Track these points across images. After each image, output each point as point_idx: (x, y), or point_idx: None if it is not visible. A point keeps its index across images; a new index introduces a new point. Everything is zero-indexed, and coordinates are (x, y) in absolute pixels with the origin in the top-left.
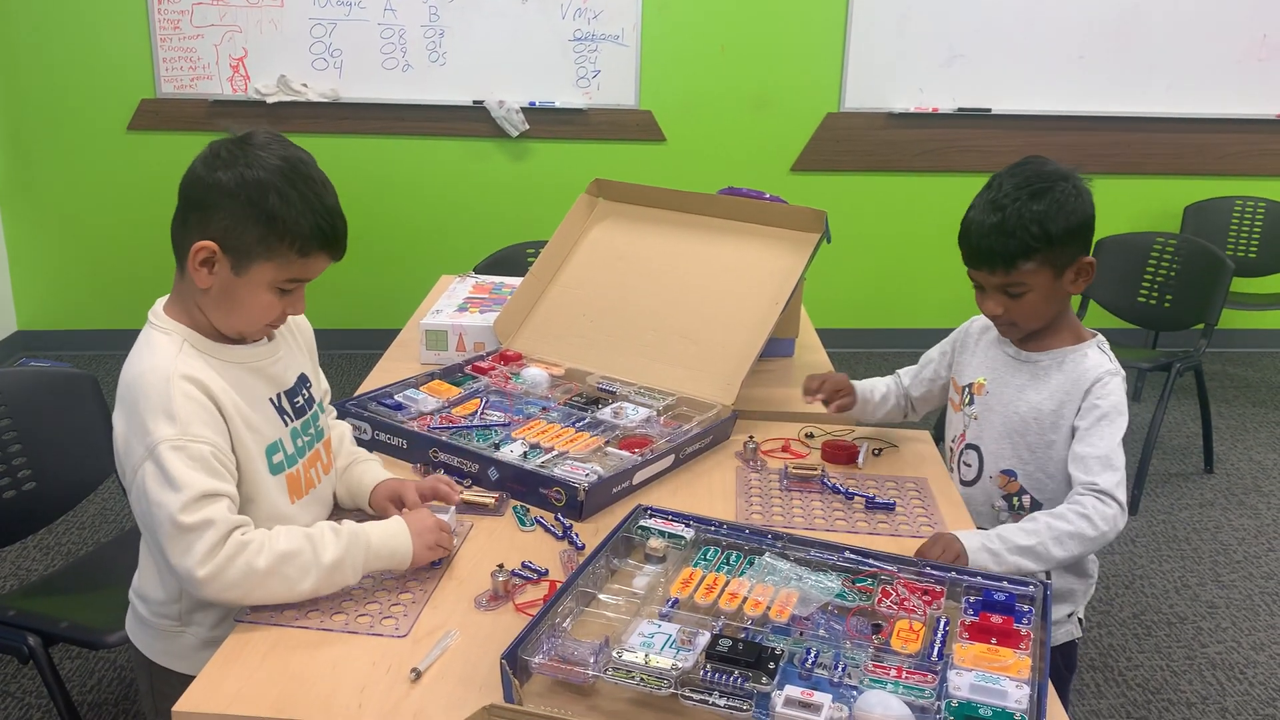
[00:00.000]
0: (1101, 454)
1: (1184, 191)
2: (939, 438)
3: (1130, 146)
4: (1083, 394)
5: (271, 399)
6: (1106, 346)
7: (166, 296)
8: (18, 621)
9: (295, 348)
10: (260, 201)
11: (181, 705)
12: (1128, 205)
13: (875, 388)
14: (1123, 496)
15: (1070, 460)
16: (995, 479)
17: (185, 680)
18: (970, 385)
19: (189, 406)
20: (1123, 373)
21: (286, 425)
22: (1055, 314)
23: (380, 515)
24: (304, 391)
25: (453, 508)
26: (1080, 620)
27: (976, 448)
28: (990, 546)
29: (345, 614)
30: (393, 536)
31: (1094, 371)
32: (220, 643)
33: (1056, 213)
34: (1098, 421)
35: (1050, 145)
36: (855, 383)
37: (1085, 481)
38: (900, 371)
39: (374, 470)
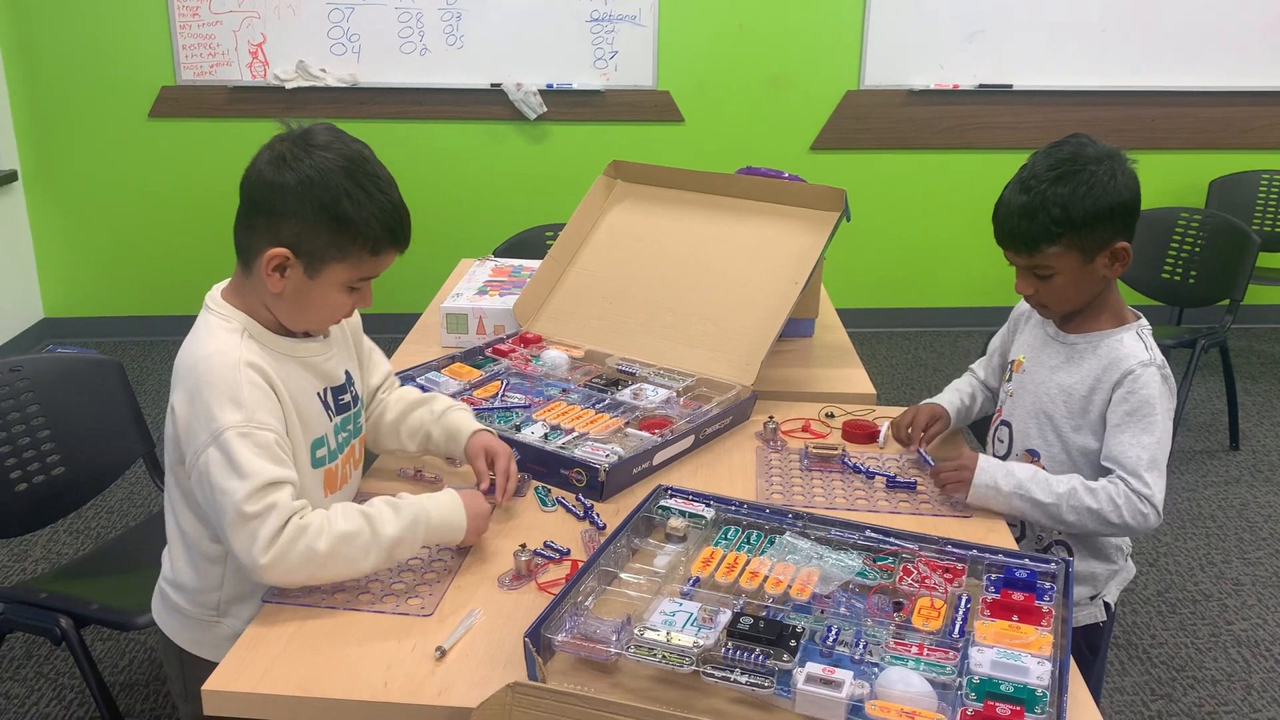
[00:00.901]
0: (1135, 456)
1: (1209, 166)
2: (973, 425)
3: (1154, 121)
4: (1113, 385)
5: (319, 394)
6: (1147, 333)
7: (224, 283)
8: (49, 604)
9: (345, 345)
10: (332, 207)
11: (211, 684)
12: (1152, 181)
13: (962, 394)
14: (1160, 502)
15: (1105, 457)
16: (1020, 457)
17: (214, 665)
18: (1013, 362)
19: (255, 394)
20: (1160, 362)
21: (331, 420)
22: (1088, 297)
23: (469, 463)
24: (350, 389)
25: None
26: (1108, 605)
27: (1009, 424)
28: (1002, 488)
29: (371, 594)
30: (452, 513)
31: (1127, 362)
32: None
33: (1084, 196)
34: (1127, 418)
35: (1072, 121)
36: (942, 398)
37: (1123, 478)
38: (973, 366)
39: (469, 420)
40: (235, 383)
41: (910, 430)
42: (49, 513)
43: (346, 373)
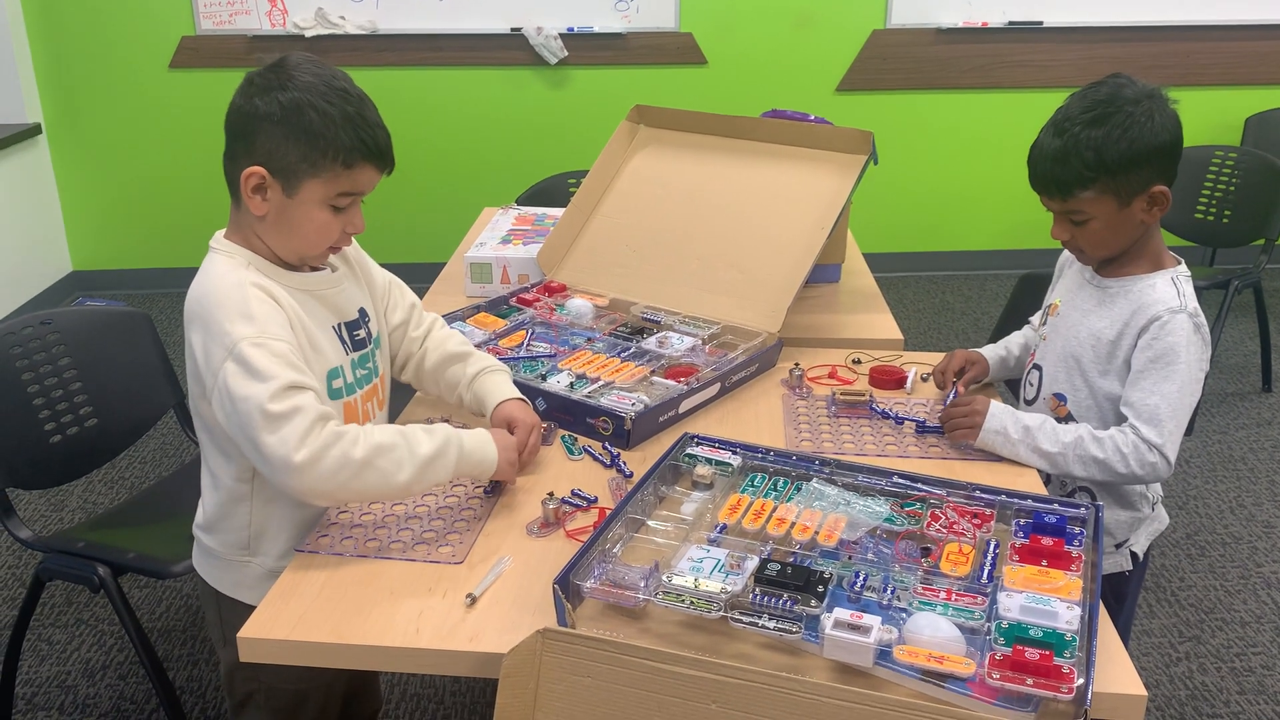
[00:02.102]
0: (1149, 404)
1: (1244, 102)
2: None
3: (1188, 56)
4: (1139, 330)
5: (334, 326)
6: (1184, 279)
7: (224, 229)
8: (87, 553)
9: (356, 282)
10: (297, 119)
11: (245, 632)
12: (1185, 118)
13: (1008, 345)
14: (1172, 452)
15: (1122, 403)
16: (1048, 401)
17: (251, 610)
18: (1049, 305)
19: (264, 309)
20: (1192, 310)
21: (347, 355)
22: (1127, 243)
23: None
24: (365, 326)
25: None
26: (1135, 554)
27: (1040, 368)
28: (1010, 435)
29: (402, 543)
30: (484, 444)
31: (1155, 307)
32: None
33: (1118, 139)
34: (1149, 364)
35: (1104, 58)
36: (986, 349)
37: (1134, 426)
38: (1031, 319)
39: (499, 387)
40: (244, 299)
41: (945, 374)
42: (84, 464)
43: (362, 309)
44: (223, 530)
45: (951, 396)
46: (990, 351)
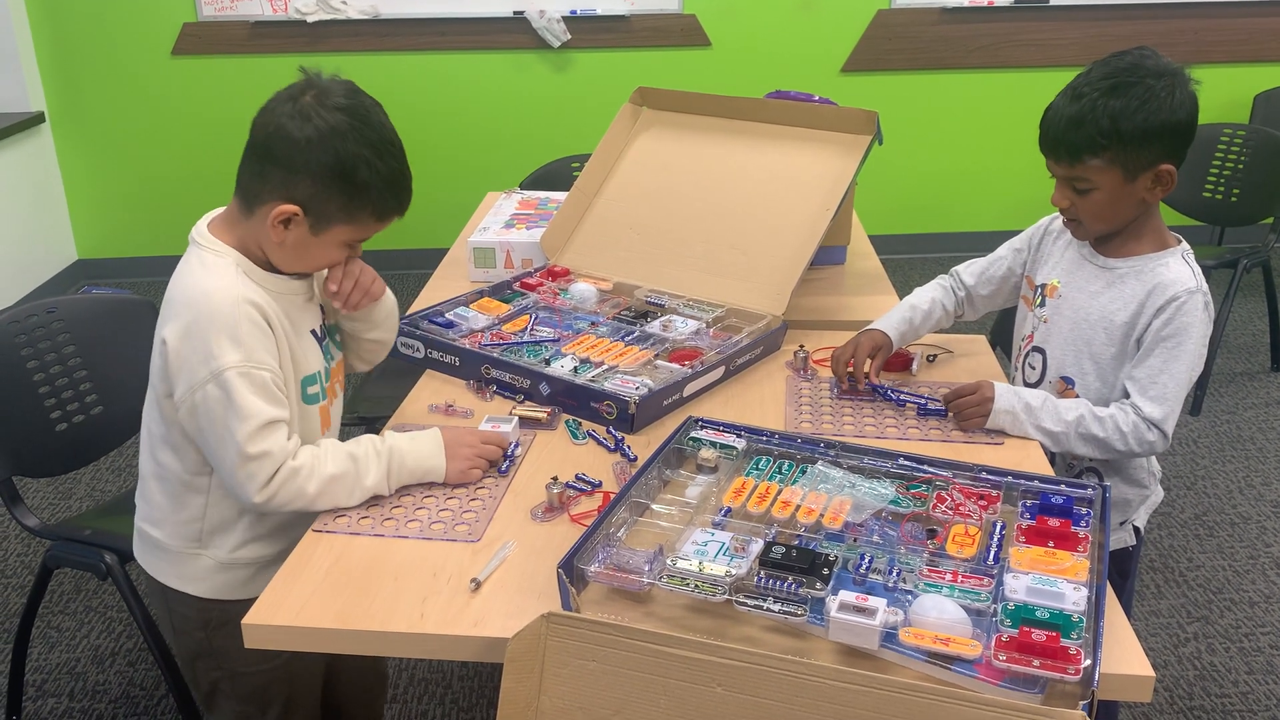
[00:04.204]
0: (1158, 383)
1: (1253, 79)
2: (994, 342)
3: (1195, 33)
4: (1156, 310)
5: (314, 330)
6: (1191, 257)
7: (210, 216)
8: (94, 540)
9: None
10: (351, 176)
11: (250, 619)
12: None
13: (915, 310)
14: (1170, 428)
15: (1126, 376)
16: (1054, 384)
17: (201, 604)
18: (1044, 286)
19: (254, 333)
20: (1205, 289)
21: (323, 360)
22: (1124, 220)
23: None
24: (327, 318)
25: (515, 419)
26: (1137, 529)
27: (1042, 351)
28: (1018, 415)
29: (419, 522)
30: (428, 457)
31: (1173, 288)
32: (238, 567)
33: (1136, 110)
34: (1160, 343)
35: (1112, 37)
36: (884, 322)
37: (1136, 405)
38: (959, 269)
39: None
40: (235, 320)
41: (853, 368)
42: (90, 452)
43: (322, 305)
44: (171, 523)
45: (886, 393)
46: (893, 327)
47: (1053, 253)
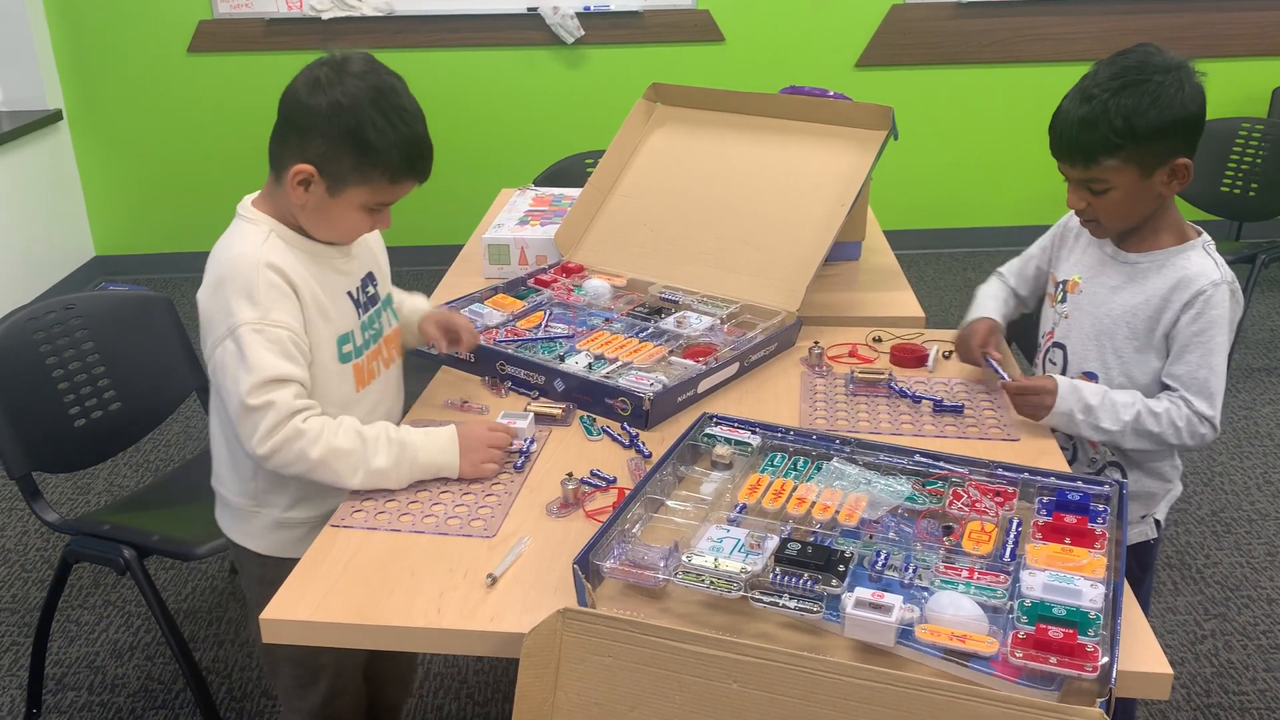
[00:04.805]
0: (1198, 378)
1: (1272, 73)
2: (1009, 337)
3: (1214, 26)
4: (1183, 305)
5: (350, 292)
6: (1213, 248)
7: (255, 193)
8: (113, 535)
9: (361, 248)
10: (357, 134)
11: (268, 614)
12: (1211, 90)
13: (1005, 304)
14: (1219, 419)
15: (1168, 375)
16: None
17: (260, 559)
18: (1065, 282)
19: (271, 294)
20: (1230, 278)
21: (359, 318)
22: (1142, 215)
23: (431, 344)
24: (369, 288)
25: (530, 415)
26: (1158, 522)
27: (1063, 347)
28: (1076, 417)
29: (436, 517)
30: (441, 452)
31: (1199, 281)
32: (292, 526)
33: (1148, 107)
34: (1195, 338)
35: (1129, 30)
36: (988, 310)
37: (1187, 399)
38: (1002, 270)
39: (417, 303)
40: (253, 281)
41: (977, 350)
42: (108, 447)
43: (369, 274)
44: (231, 479)
45: (999, 372)
46: (998, 314)
47: (1074, 249)
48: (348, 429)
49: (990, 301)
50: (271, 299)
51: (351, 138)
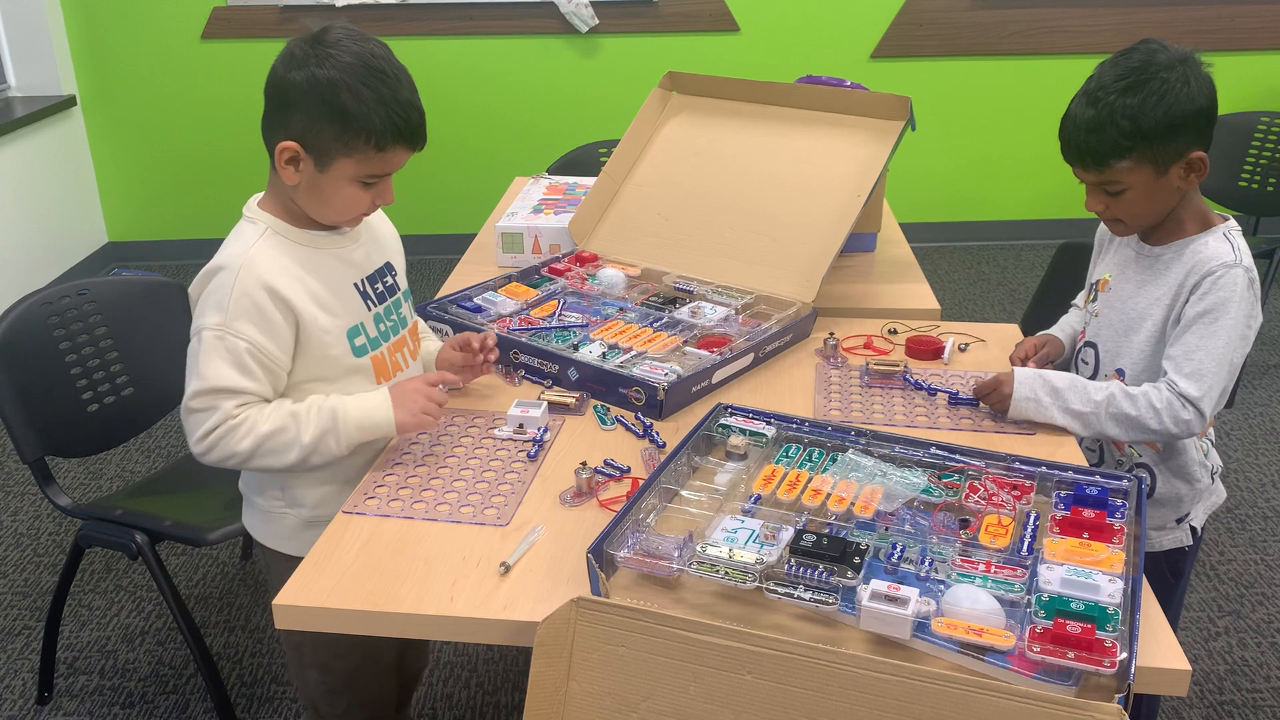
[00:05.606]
0: (1193, 359)
1: None
2: (1026, 330)
3: (1232, 20)
4: (1191, 287)
5: (356, 284)
6: (1236, 233)
7: (261, 194)
8: (125, 520)
9: (375, 239)
10: (332, 100)
11: (280, 600)
12: (1229, 84)
13: (1067, 323)
14: (1209, 408)
15: (1164, 357)
16: (1109, 378)
17: (292, 561)
18: (1097, 282)
19: (242, 304)
20: (1247, 264)
21: (370, 310)
22: (1164, 211)
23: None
24: (386, 279)
25: (544, 404)
26: (1194, 529)
27: (1094, 345)
28: (1042, 399)
29: (449, 505)
30: (374, 409)
31: (1209, 263)
32: (320, 524)
33: (1154, 106)
34: (1198, 318)
35: (1146, 23)
36: (1055, 328)
37: (1171, 381)
38: (1075, 301)
39: (429, 346)
40: (225, 288)
41: (1017, 357)
42: (120, 433)
43: (387, 264)
44: (257, 484)
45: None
46: (1061, 331)
47: (1108, 250)
48: (276, 411)
49: (1061, 322)
50: (240, 309)
51: (328, 106)
